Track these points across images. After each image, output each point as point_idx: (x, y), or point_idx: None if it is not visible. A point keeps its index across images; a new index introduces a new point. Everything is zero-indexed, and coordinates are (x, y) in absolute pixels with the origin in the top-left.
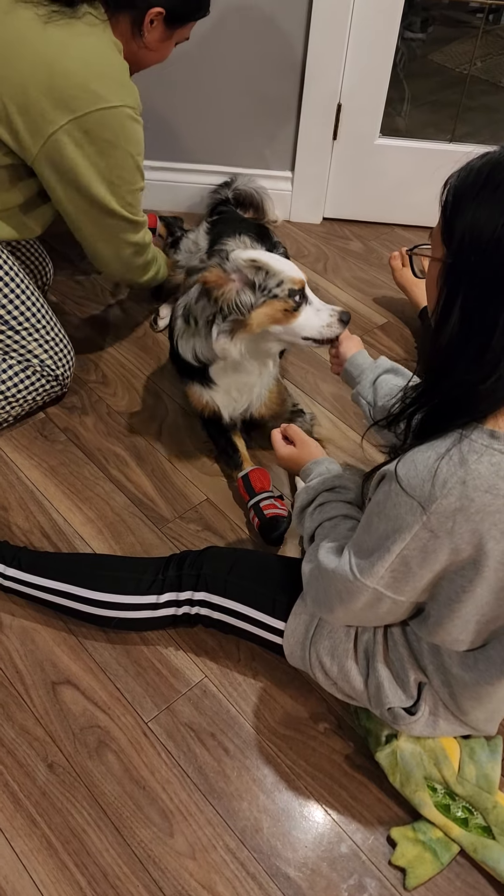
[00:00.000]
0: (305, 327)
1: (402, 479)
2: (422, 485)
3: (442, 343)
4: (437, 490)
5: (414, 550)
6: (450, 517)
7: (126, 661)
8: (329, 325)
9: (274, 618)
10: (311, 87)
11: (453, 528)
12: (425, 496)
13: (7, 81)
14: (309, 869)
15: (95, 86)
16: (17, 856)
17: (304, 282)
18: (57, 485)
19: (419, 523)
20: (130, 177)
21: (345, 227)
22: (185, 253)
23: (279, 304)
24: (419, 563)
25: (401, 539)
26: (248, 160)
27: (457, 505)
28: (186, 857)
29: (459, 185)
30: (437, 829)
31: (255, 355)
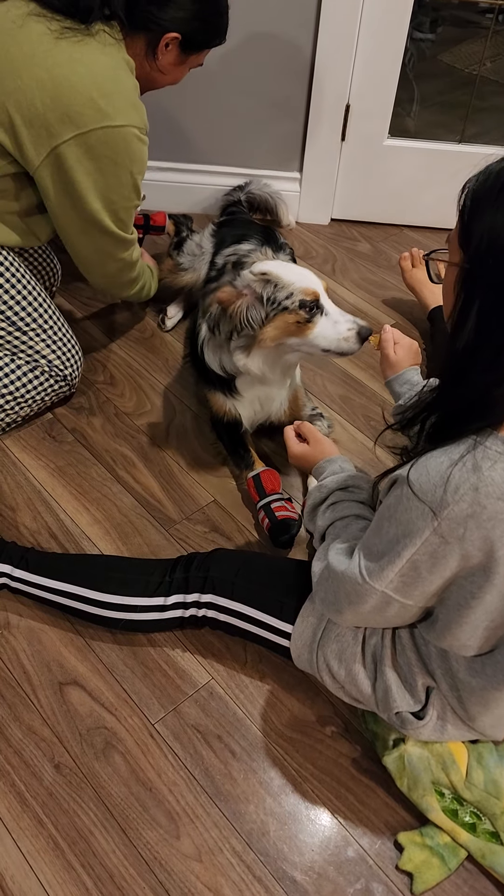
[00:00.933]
0: (321, 339)
1: (413, 483)
2: (434, 490)
3: (458, 348)
4: (449, 496)
5: (424, 556)
6: (461, 524)
7: (133, 662)
8: (346, 339)
9: (281, 621)
10: (319, 88)
11: (464, 535)
12: (437, 502)
13: (14, 93)
14: (315, 873)
15: (102, 103)
16: (23, 856)
17: (318, 292)
18: (64, 485)
19: (430, 529)
20: (127, 194)
21: (353, 229)
22: (189, 255)
23: (290, 316)
24: (429, 568)
25: (411, 544)
26: (256, 161)
27: (468, 511)
28: (193, 860)
29: (478, 189)
30: (445, 834)
31: (277, 367)
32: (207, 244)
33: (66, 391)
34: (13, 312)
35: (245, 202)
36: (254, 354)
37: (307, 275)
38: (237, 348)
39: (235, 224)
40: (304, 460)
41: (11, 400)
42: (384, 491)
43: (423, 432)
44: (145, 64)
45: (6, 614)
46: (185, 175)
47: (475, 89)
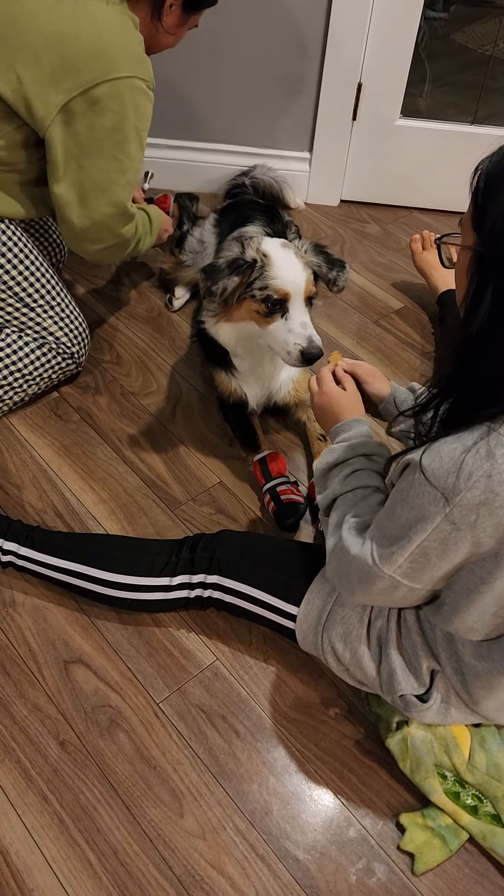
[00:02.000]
0: (271, 338)
1: (426, 469)
2: (446, 476)
3: (472, 332)
4: (461, 483)
5: (434, 542)
6: (473, 510)
7: (138, 641)
8: (290, 352)
9: (287, 602)
10: (331, 66)
11: (476, 522)
12: (449, 488)
13: (21, 51)
14: (318, 852)
15: (108, 55)
16: (28, 831)
17: (289, 294)
18: (70, 464)
19: (441, 515)
20: (134, 153)
21: (362, 210)
22: (190, 253)
23: (253, 304)
24: (439, 554)
25: (422, 530)
26: (264, 140)
27: (481, 498)
28: (196, 838)
29: (492, 171)
30: (447, 815)
31: (248, 344)
32: (209, 237)
33: (73, 369)
34: (21, 288)
35: (250, 186)
36: (222, 324)
37: (293, 272)
38: (209, 311)
39: (238, 208)
40: (336, 404)
41: (20, 377)
42: (396, 473)
43: (436, 418)
44: (150, 25)
45: (12, 592)
46: (194, 153)
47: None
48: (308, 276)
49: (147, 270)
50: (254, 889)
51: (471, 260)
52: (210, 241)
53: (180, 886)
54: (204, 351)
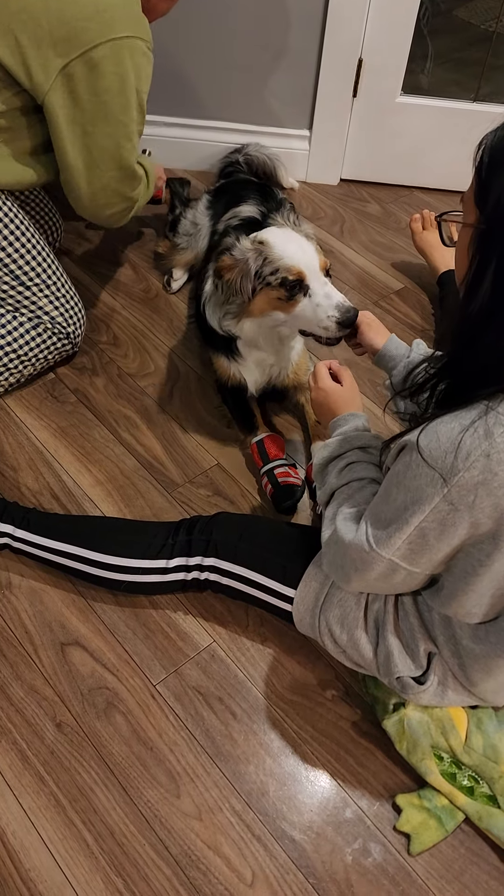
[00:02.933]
0: (300, 320)
1: (423, 449)
2: (444, 457)
3: (472, 311)
4: (459, 462)
5: (433, 523)
6: (471, 491)
7: (135, 623)
8: (326, 328)
9: (284, 585)
10: (331, 41)
11: (474, 502)
12: (447, 468)
13: (19, 14)
14: (314, 832)
15: (106, 15)
16: (24, 812)
17: (303, 272)
18: (67, 446)
19: (439, 496)
20: (136, 115)
21: (362, 189)
22: (184, 235)
23: (273, 292)
24: (437, 535)
25: (420, 511)
26: (263, 117)
27: (479, 479)
28: (193, 818)
29: (496, 145)
30: (443, 796)
31: (270, 337)
32: (203, 219)
33: (68, 350)
34: (17, 266)
35: (243, 164)
36: (244, 322)
37: (300, 251)
38: (229, 314)
39: (231, 188)
40: (331, 401)
41: (14, 357)
42: (392, 457)
43: (432, 398)
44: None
45: (8, 574)
46: (192, 131)
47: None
48: (315, 247)
49: (144, 250)
50: (250, 869)
51: (472, 237)
52: (204, 223)
53: (177, 867)
54: (202, 334)
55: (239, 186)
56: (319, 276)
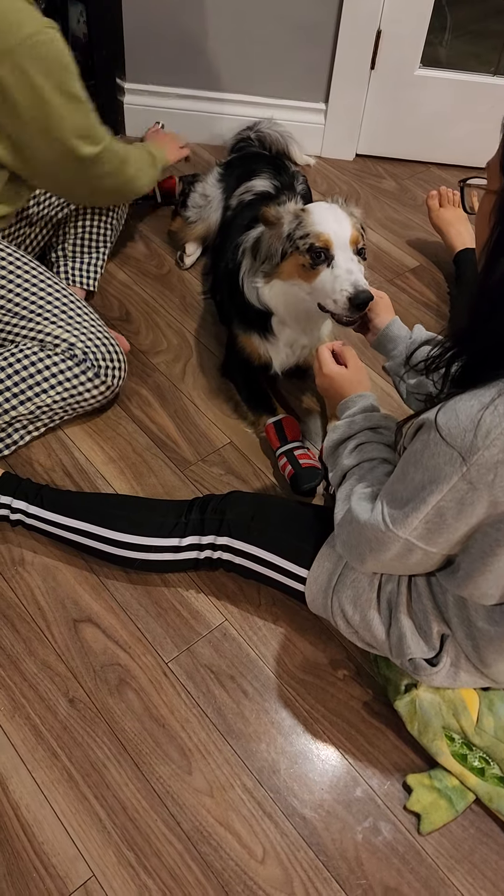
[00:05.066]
0: (318, 291)
1: (442, 428)
2: (463, 435)
3: (493, 283)
4: (479, 441)
5: (451, 502)
6: (491, 469)
7: (147, 601)
8: (336, 301)
9: (297, 565)
10: (349, 11)
11: (494, 481)
12: (466, 447)
13: None
14: (325, 811)
15: (11, 17)
16: (38, 786)
17: (330, 241)
18: (79, 423)
19: (458, 475)
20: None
21: (378, 165)
22: (194, 208)
23: (300, 258)
24: (455, 515)
25: (437, 490)
26: (279, 90)
27: (499, 457)
28: (204, 795)
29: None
30: (454, 777)
31: (301, 313)
32: (214, 191)
33: (101, 387)
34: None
35: (256, 141)
36: (273, 285)
37: (334, 222)
38: (260, 272)
39: (243, 161)
40: (338, 384)
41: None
42: (409, 436)
43: (448, 376)
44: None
45: (21, 551)
46: (205, 103)
47: None
48: (353, 224)
49: (158, 227)
50: (261, 846)
51: (495, 205)
52: (214, 195)
53: (188, 842)
54: (236, 312)
55: (251, 160)
56: (347, 250)
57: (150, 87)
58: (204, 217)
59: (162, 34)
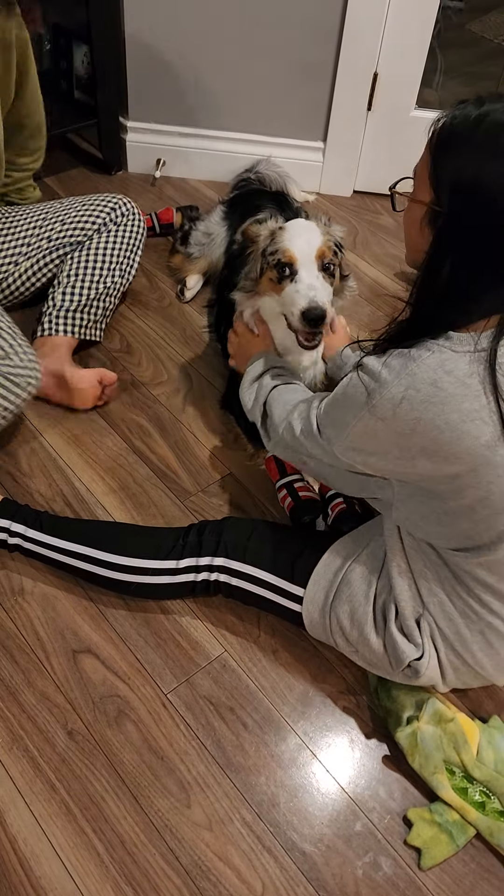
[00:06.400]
0: (284, 306)
1: (366, 364)
2: (377, 373)
3: (431, 291)
4: (387, 377)
5: (362, 429)
6: (396, 404)
7: (146, 632)
8: (292, 314)
9: (293, 584)
10: (347, 54)
11: (395, 414)
12: (375, 384)
13: None
14: (325, 845)
15: None
16: (35, 819)
17: (294, 257)
18: (80, 454)
19: (367, 407)
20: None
21: (376, 202)
22: (196, 245)
23: (271, 272)
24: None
25: (354, 417)
26: (279, 129)
27: (403, 394)
28: (203, 829)
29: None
30: (454, 811)
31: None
32: (217, 228)
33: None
34: None
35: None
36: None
37: (303, 240)
38: (241, 289)
39: (247, 197)
40: (245, 343)
41: None
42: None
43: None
44: None
45: (21, 579)
46: (206, 141)
47: None
48: (324, 241)
49: (158, 259)
50: (260, 881)
51: (425, 217)
52: (218, 233)
53: (187, 877)
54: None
55: (254, 196)
56: (312, 266)
57: (152, 125)
58: (206, 254)
59: (164, 74)
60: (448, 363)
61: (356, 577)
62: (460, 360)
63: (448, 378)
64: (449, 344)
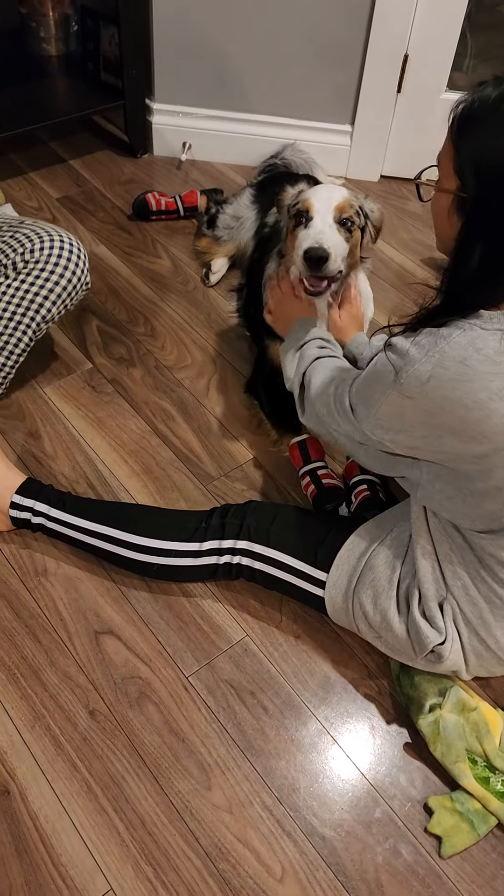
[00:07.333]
0: (295, 251)
1: (394, 343)
2: (406, 352)
3: (463, 277)
4: (415, 354)
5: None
6: (424, 382)
7: (168, 615)
8: (297, 257)
9: (316, 568)
10: (377, 35)
11: (424, 391)
12: (403, 361)
13: None
14: (344, 831)
15: None
16: (57, 797)
17: (311, 205)
18: (103, 436)
19: (394, 385)
20: None
21: (403, 186)
22: (225, 229)
23: (292, 224)
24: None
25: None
26: (306, 111)
27: (431, 372)
28: (223, 811)
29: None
30: (476, 800)
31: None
32: (246, 212)
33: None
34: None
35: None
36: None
37: (324, 192)
38: (275, 253)
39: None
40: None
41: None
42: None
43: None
44: None
45: (44, 560)
46: (233, 124)
47: None
48: (344, 196)
49: (183, 242)
50: (280, 864)
51: (452, 206)
52: (248, 216)
53: (207, 858)
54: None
55: (285, 178)
56: (327, 215)
57: (178, 107)
58: (234, 237)
59: (191, 55)
60: (478, 341)
61: (380, 561)
62: (490, 338)
63: (477, 356)
64: (479, 322)
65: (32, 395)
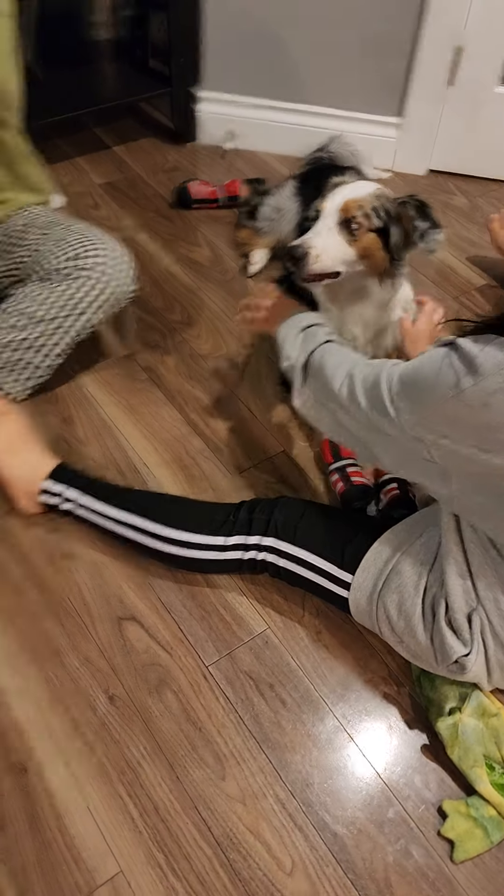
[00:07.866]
0: None
1: (462, 346)
2: (474, 359)
3: None
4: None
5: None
6: (490, 395)
7: (191, 604)
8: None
9: (342, 569)
10: (429, 25)
11: (489, 404)
12: (469, 371)
13: None
14: (356, 829)
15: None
16: (74, 778)
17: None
18: (135, 423)
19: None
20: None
21: (450, 181)
22: (266, 220)
23: None
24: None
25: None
26: (353, 103)
27: (500, 386)
28: (237, 802)
29: None
30: (491, 807)
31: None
32: (288, 204)
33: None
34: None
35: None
36: None
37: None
38: None
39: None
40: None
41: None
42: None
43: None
44: None
45: (70, 544)
46: (279, 114)
47: None
48: (354, 198)
49: (223, 231)
50: (290, 857)
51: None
52: (289, 208)
53: (218, 848)
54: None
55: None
56: (329, 217)
57: (224, 95)
58: (275, 229)
59: (239, 44)
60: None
61: (407, 567)
62: None
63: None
64: None
65: (67, 381)
